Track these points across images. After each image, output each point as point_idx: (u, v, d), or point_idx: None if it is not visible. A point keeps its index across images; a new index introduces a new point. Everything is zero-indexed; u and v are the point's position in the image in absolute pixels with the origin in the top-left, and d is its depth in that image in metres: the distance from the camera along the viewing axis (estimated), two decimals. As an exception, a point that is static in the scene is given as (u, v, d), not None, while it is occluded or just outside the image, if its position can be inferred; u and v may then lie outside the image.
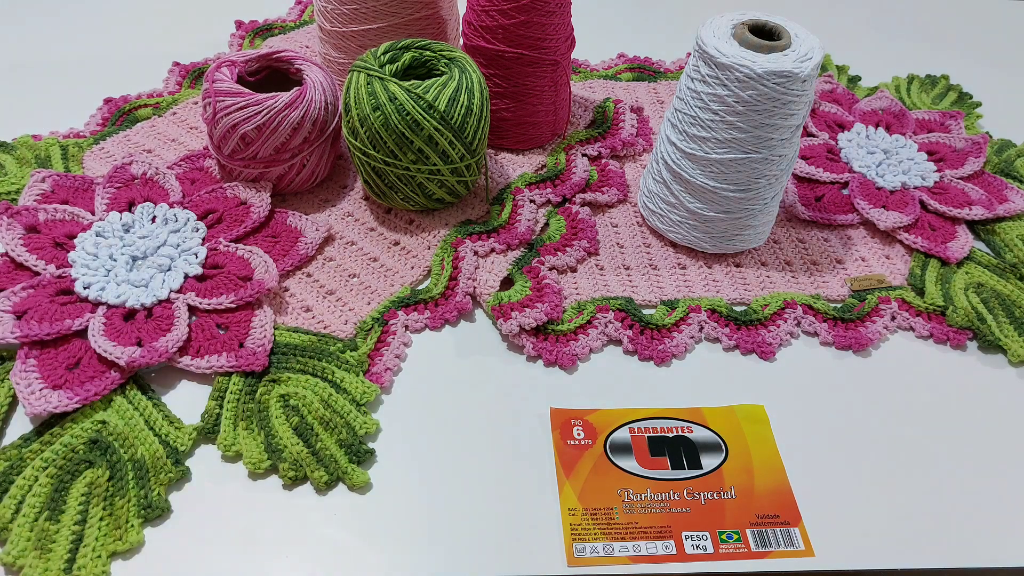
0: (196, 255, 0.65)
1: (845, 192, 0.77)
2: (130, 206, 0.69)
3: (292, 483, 0.52)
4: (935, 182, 0.78)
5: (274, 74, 0.73)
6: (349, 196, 0.74)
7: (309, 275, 0.67)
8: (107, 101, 0.83)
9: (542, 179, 0.75)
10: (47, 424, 0.54)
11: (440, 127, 0.64)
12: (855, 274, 0.70)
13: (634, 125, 0.82)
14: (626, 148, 0.80)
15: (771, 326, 0.64)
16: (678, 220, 0.69)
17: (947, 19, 1.10)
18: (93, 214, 0.68)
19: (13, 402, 0.56)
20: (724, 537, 0.51)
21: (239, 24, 0.97)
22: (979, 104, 0.91)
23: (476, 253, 0.68)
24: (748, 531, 0.51)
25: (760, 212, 0.68)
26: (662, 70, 0.95)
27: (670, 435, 0.56)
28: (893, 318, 0.66)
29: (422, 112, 0.63)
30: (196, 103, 0.83)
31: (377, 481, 0.53)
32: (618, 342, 0.63)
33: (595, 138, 0.80)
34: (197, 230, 0.67)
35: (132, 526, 0.49)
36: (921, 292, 0.68)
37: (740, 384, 0.61)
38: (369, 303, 0.64)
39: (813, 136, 0.83)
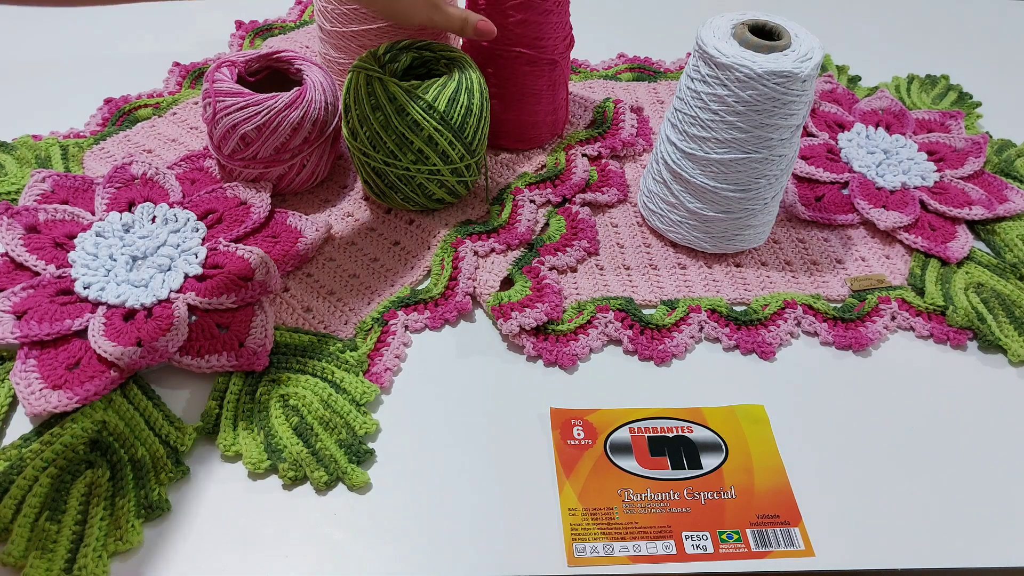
0: (196, 255, 0.65)
1: (845, 192, 0.77)
2: (130, 206, 0.69)
3: (292, 483, 0.53)
4: (935, 182, 0.78)
5: (274, 74, 0.73)
6: (349, 196, 0.74)
7: (309, 275, 0.67)
8: (107, 101, 0.83)
9: (542, 179, 0.75)
10: (47, 424, 0.54)
11: (440, 127, 0.64)
12: (855, 274, 0.70)
13: (634, 125, 0.82)
14: (626, 148, 0.80)
15: (771, 326, 0.64)
16: (678, 220, 0.69)
17: (947, 19, 1.10)
18: (93, 214, 0.68)
19: (13, 402, 0.56)
20: (724, 537, 0.51)
21: (239, 24, 0.97)
22: (979, 104, 0.91)
23: (476, 253, 0.68)
24: (748, 531, 0.51)
25: (760, 212, 0.68)
26: (662, 70, 0.95)
27: (670, 435, 0.56)
28: (893, 318, 0.66)
29: (422, 112, 0.63)
30: (196, 103, 0.83)
31: (377, 481, 0.53)
32: (618, 342, 0.63)
33: (595, 138, 0.80)
34: (197, 230, 0.67)
35: (132, 526, 0.49)
36: (921, 292, 0.68)
37: (740, 384, 0.61)
38: (369, 303, 0.64)
39: (813, 136, 0.83)
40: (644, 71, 0.95)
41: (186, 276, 0.63)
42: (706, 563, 0.50)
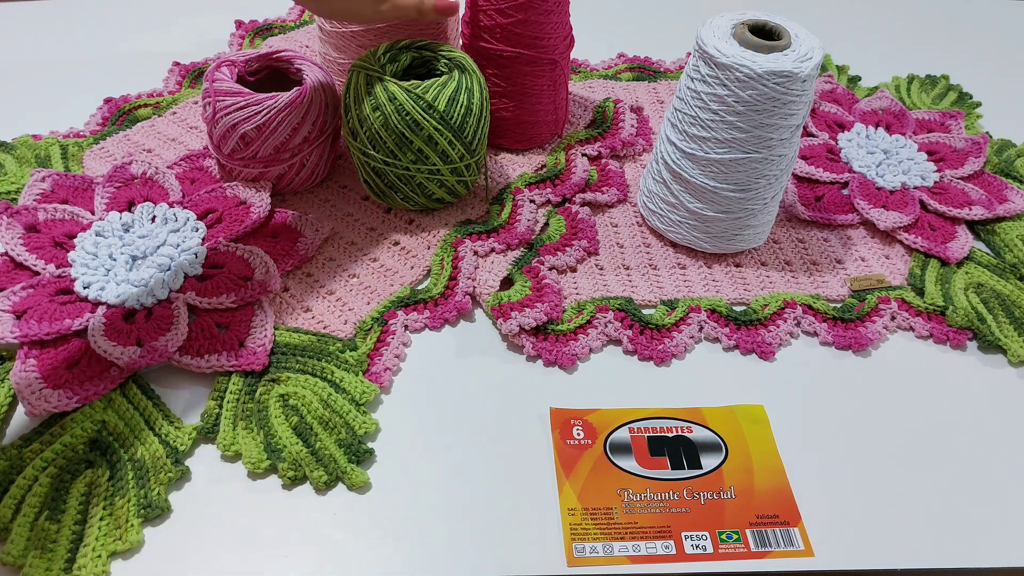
0: (196, 255, 0.65)
1: (845, 192, 0.77)
2: (130, 206, 0.69)
3: (292, 483, 0.52)
4: (935, 182, 0.78)
5: (274, 74, 0.73)
6: (349, 196, 0.74)
7: (309, 275, 0.67)
8: (107, 101, 0.83)
9: (542, 179, 0.75)
10: (47, 424, 0.54)
11: (440, 127, 0.64)
12: (855, 274, 0.70)
13: (634, 125, 0.82)
14: (626, 148, 0.80)
15: (771, 326, 0.64)
16: (678, 220, 0.69)
17: (947, 19, 1.10)
18: (93, 214, 0.68)
19: (13, 402, 0.56)
20: (724, 537, 0.51)
21: (239, 24, 0.97)
22: (979, 104, 0.91)
23: (476, 253, 0.68)
24: (748, 531, 0.51)
25: (760, 212, 0.68)
26: (662, 70, 0.95)
27: (670, 435, 0.56)
28: (893, 318, 0.66)
29: (422, 112, 0.63)
30: (196, 103, 0.83)
31: (376, 481, 0.53)
32: (618, 342, 0.63)
33: (595, 138, 0.80)
34: (197, 230, 0.67)
35: (132, 526, 0.49)
36: (921, 292, 0.68)
37: (740, 384, 0.61)
38: (369, 303, 0.64)
39: (813, 136, 0.83)
40: (644, 71, 0.95)
41: (186, 276, 0.63)
42: (706, 563, 0.50)
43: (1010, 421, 0.59)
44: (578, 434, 0.56)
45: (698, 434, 0.56)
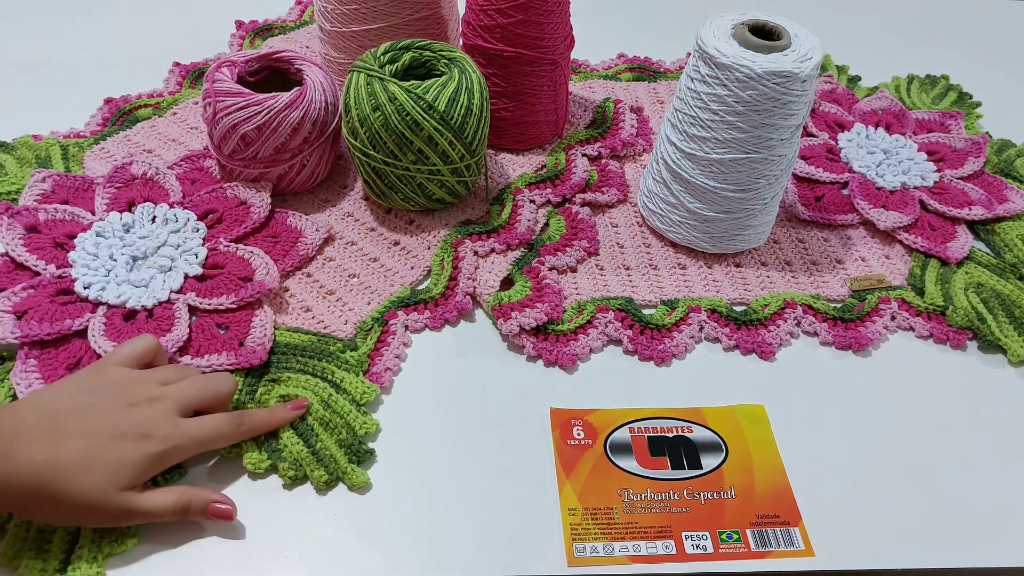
0: (196, 255, 0.65)
1: (845, 192, 0.77)
2: (130, 206, 0.69)
3: (292, 483, 0.52)
4: (935, 182, 0.78)
5: (274, 74, 0.73)
6: (349, 196, 0.74)
7: (309, 275, 0.67)
8: (107, 101, 0.83)
9: (542, 179, 0.75)
10: (47, 424, 0.54)
11: (440, 127, 0.64)
12: (855, 274, 0.70)
13: (634, 125, 0.82)
14: (626, 148, 0.80)
15: (771, 326, 0.64)
16: (678, 220, 0.69)
17: (947, 19, 1.10)
18: (93, 214, 0.68)
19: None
20: (724, 537, 0.51)
21: (239, 24, 0.97)
22: (979, 104, 0.91)
23: (476, 253, 0.68)
24: (748, 531, 0.51)
25: (760, 212, 0.68)
26: (662, 70, 0.95)
27: (670, 435, 0.56)
28: (893, 318, 0.66)
29: (422, 112, 0.63)
30: (196, 103, 0.83)
31: (377, 481, 0.53)
32: (618, 342, 0.63)
33: (595, 138, 0.80)
34: (197, 230, 0.67)
35: (128, 527, 0.49)
36: (921, 292, 0.68)
37: (740, 384, 0.61)
38: (369, 303, 0.64)
39: (813, 136, 0.83)
40: (644, 71, 0.94)
41: (186, 276, 0.63)
42: (706, 563, 0.50)
43: (1010, 421, 0.59)
44: (578, 434, 0.56)
45: (698, 434, 0.56)
